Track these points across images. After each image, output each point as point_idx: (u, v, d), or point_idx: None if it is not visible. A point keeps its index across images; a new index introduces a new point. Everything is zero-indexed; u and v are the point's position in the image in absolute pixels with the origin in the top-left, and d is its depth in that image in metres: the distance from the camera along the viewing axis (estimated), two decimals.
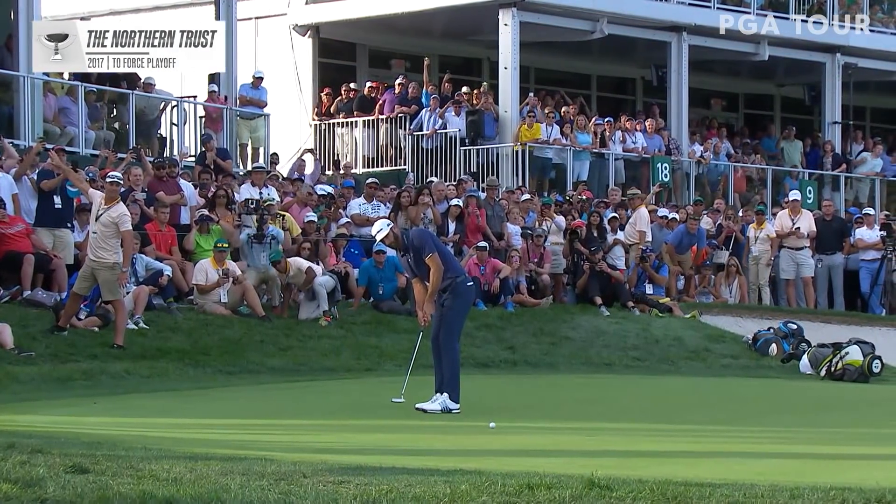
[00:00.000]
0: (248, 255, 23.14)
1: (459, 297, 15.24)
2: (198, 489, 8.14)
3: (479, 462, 9.84)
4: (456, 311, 15.27)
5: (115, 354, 19.19)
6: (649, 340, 24.98)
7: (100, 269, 19.26)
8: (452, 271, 15.26)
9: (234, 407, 14.82)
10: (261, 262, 22.90)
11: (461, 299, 15.30)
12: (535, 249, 26.72)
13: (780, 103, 41.84)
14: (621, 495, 8.12)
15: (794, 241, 28.89)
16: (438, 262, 15.00)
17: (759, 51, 35.52)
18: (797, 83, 39.72)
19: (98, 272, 19.28)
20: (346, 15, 33.87)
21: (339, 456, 10.29)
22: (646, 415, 15.87)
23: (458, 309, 15.30)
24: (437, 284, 15.02)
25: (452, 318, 15.23)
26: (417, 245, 15.12)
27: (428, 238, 15.47)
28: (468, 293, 15.55)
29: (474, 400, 15.56)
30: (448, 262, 15.31)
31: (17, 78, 26.03)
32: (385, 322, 23.29)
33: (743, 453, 11.71)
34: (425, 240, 15.28)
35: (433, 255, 15.02)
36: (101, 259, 19.21)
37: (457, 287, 15.18)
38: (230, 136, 29.25)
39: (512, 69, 32.21)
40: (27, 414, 14.14)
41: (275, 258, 22.83)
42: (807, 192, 32.84)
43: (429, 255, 15.01)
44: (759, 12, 35.38)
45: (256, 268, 22.95)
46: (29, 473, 8.59)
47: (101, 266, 19.23)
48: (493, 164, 31.52)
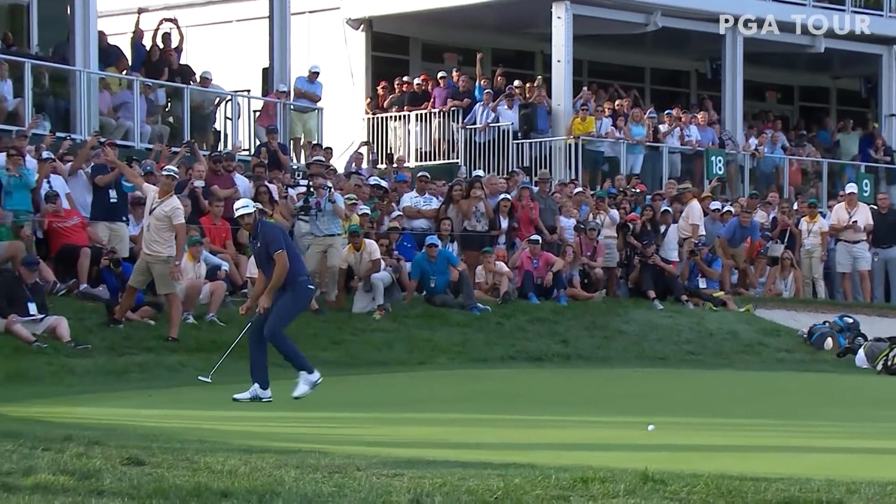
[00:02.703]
0: (312, 225, 23.09)
1: (298, 295, 15.51)
2: (252, 482, 8.17)
3: (533, 456, 9.83)
4: (289, 306, 15.46)
5: (169, 347, 19.35)
6: (703, 334, 24.89)
7: (154, 262, 19.39)
8: (296, 272, 15.41)
9: (288, 400, 14.88)
10: (321, 229, 22.82)
11: (299, 297, 15.59)
12: (588, 243, 26.65)
13: (835, 96, 41.55)
14: (675, 489, 8.09)
15: (850, 234, 28.69)
16: (285, 260, 15.19)
17: (815, 43, 35.28)
18: (853, 75, 39.43)
19: (153, 266, 19.42)
20: (399, 9, 33.92)
21: (393, 449, 10.31)
22: (700, 409, 15.83)
23: (292, 305, 15.51)
24: (279, 281, 15.19)
25: (284, 310, 15.39)
26: (268, 239, 15.30)
27: (279, 234, 15.64)
28: (306, 294, 16.06)
29: (527, 393, 15.57)
30: (294, 262, 15.47)
31: (74, 73, 26.21)
32: (438, 315, 23.31)
33: (798, 448, 11.64)
34: (276, 235, 15.46)
35: (281, 252, 15.19)
36: (156, 252, 19.34)
37: (298, 286, 15.42)
38: (284, 130, 29.35)
39: (565, 62, 32.17)
40: (84, 406, 14.29)
41: (354, 229, 22.89)
42: (863, 185, 32.60)
43: (277, 251, 15.19)
44: (815, 4, 35.14)
45: (317, 237, 22.83)
46: (86, 465, 8.65)
47: (155, 260, 19.37)
48: (546, 157, 31.46)
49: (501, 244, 25.97)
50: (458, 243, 25.48)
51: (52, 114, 25.76)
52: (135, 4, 30.07)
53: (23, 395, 15.40)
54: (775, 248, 29.10)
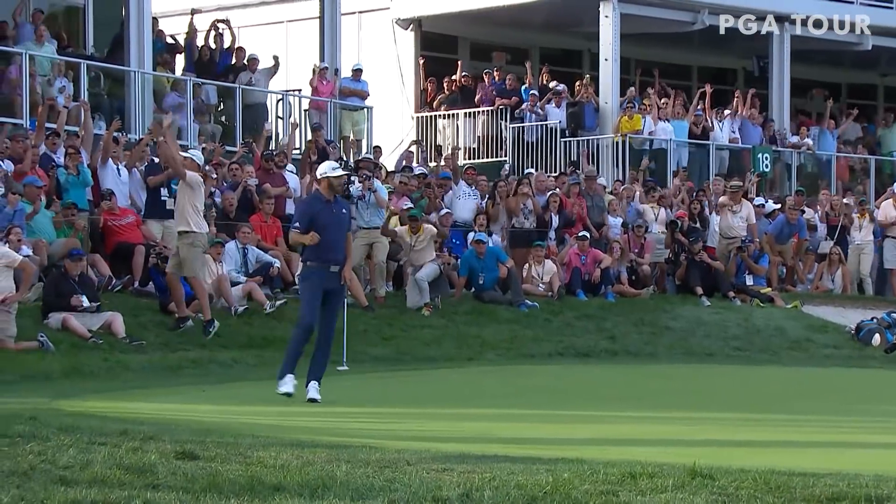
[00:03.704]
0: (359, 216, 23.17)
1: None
2: (304, 476, 8.25)
3: (581, 451, 9.84)
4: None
5: (222, 343, 19.44)
6: (750, 330, 24.86)
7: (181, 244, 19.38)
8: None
9: (339, 395, 14.96)
10: (364, 220, 22.98)
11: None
12: (636, 240, 26.69)
13: (883, 93, 41.32)
14: (723, 484, 8.10)
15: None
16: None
17: (862, 40, 35.12)
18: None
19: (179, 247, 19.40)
20: (447, 8, 34.03)
21: (442, 444, 10.34)
22: (747, 405, 15.81)
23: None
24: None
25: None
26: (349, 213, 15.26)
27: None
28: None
29: (574, 389, 15.61)
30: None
31: (129, 73, 26.45)
32: (486, 312, 23.40)
33: (846, 443, 11.66)
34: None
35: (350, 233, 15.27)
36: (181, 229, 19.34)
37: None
38: (334, 128, 29.51)
39: (612, 61, 32.21)
40: (138, 401, 14.39)
41: (415, 214, 23.04)
42: None
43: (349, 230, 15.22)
44: (862, 2, 34.99)
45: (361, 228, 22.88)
46: (141, 460, 8.75)
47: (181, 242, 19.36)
48: (594, 154, 31.49)
49: (552, 240, 26.06)
50: (506, 240, 25.59)
51: (108, 114, 26.00)
52: (188, 5, 30.34)
53: (79, 390, 15.51)
54: (824, 245, 29.02)
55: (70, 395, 14.71)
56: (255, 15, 34.13)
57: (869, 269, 28.80)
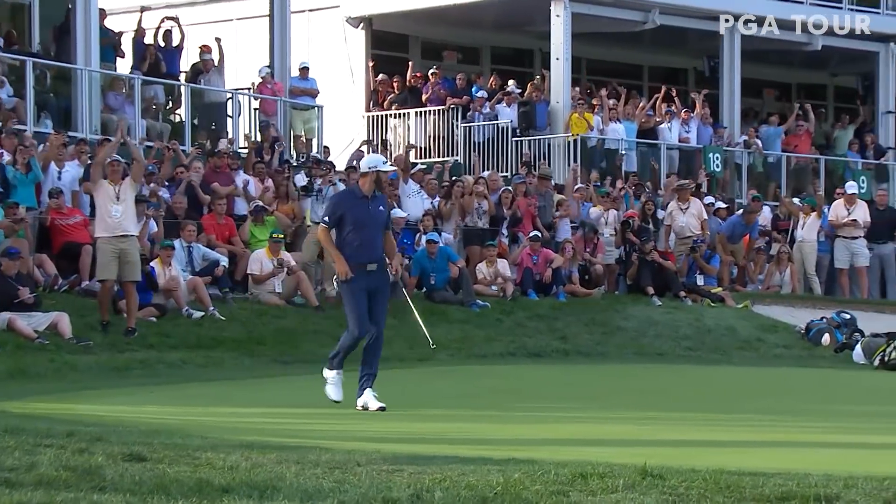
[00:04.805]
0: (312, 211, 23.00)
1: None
2: (253, 477, 8.21)
3: (532, 451, 9.85)
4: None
5: (171, 344, 19.33)
6: (701, 330, 24.96)
7: None
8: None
9: (289, 396, 14.93)
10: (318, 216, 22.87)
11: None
12: (588, 240, 26.72)
13: (833, 93, 41.58)
14: (674, 484, 8.11)
15: (848, 230, 28.71)
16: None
17: (812, 41, 35.32)
18: (850, 73, 39.46)
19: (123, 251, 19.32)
20: (398, 7, 33.98)
21: (393, 445, 10.33)
22: (698, 404, 15.87)
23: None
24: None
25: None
26: (388, 210, 14.15)
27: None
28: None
29: (526, 389, 15.60)
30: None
31: (75, 71, 26.24)
32: (438, 312, 23.34)
33: (796, 443, 11.70)
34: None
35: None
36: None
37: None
38: (284, 128, 29.39)
39: (563, 60, 32.23)
40: (86, 403, 14.29)
41: None
42: (860, 182, 32.61)
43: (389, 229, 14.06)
44: (812, 2, 35.19)
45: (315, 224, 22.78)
46: (88, 461, 8.67)
47: None
48: (545, 154, 31.52)
49: (504, 237, 26.05)
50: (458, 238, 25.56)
51: (54, 112, 25.78)
52: (137, 3, 30.13)
53: (25, 391, 15.39)
54: (775, 245, 29.16)
55: (16, 397, 14.59)
56: (204, 12, 33.93)
57: (814, 267, 28.90)
